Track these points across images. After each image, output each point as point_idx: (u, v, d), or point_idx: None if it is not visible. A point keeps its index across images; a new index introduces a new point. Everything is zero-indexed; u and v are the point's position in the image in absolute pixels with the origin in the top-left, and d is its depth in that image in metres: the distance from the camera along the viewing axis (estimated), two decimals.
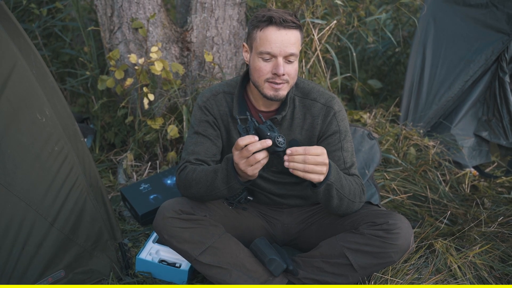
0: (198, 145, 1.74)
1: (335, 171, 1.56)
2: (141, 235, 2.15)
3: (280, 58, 1.59)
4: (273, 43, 1.58)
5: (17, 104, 1.48)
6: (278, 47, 1.58)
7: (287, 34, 1.58)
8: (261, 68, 1.62)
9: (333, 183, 1.54)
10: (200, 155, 1.73)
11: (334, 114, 1.73)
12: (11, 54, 1.47)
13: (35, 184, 1.53)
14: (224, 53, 2.64)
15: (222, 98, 1.79)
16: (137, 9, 2.50)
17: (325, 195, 1.57)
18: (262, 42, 1.59)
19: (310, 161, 1.42)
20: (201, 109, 1.79)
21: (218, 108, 1.78)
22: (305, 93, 1.76)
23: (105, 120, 2.83)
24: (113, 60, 2.46)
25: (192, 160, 1.72)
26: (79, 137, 1.69)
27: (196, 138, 1.76)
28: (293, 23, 1.58)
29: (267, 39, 1.58)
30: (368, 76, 3.72)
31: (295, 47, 1.60)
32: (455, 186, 2.60)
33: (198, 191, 1.63)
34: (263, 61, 1.61)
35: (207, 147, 1.75)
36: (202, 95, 1.82)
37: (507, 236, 2.03)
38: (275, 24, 1.57)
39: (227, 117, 1.78)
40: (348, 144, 1.74)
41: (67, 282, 1.67)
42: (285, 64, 1.61)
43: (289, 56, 1.60)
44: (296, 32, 1.61)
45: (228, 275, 1.66)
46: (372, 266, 1.63)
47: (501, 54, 2.71)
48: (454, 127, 2.86)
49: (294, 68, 1.63)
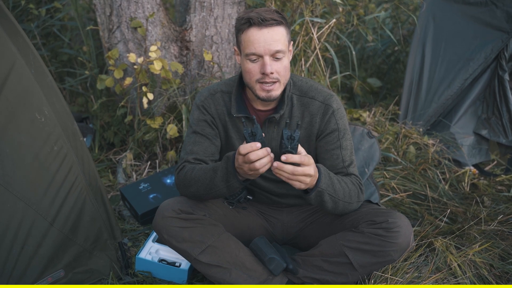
0: (197, 144, 1.74)
1: (326, 177, 1.55)
2: (140, 234, 2.15)
3: (266, 57, 1.59)
4: (256, 43, 1.58)
5: (16, 104, 1.47)
6: (262, 46, 1.57)
7: (269, 32, 1.57)
8: (250, 69, 1.62)
9: (324, 190, 1.54)
10: (199, 154, 1.73)
11: (333, 112, 1.73)
12: (10, 53, 1.47)
13: (34, 183, 1.53)
14: (223, 52, 2.63)
15: (219, 98, 1.78)
16: (136, 8, 2.49)
17: (317, 200, 1.57)
18: (246, 44, 1.60)
19: (298, 172, 1.42)
20: (199, 109, 1.78)
21: (216, 107, 1.78)
22: (303, 91, 1.75)
23: (104, 120, 2.82)
24: (112, 60, 2.46)
25: (190, 160, 1.72)
26: (78, 136, 1.69)
27: (195, 137, 1.76)
28: (274, 20, 1.57)
29: (250, 40, 1.58)
30: (368, 75, 3.71)
31: (280, 43, 1.59)
32: (454, 185, 2.60)
33: (197, 190, 1.63)
34: (251, 63, 1.62)
35: (205, 147, 1.75)
36: (200, 94, 1.81)
37: (507, 234, 2.03)
38: (255, 25, 1.57)
39: (224, 116, 1.78)
40: (347, 142, 1.74)
41: (66, 282, 1.66)
42: (272, 62, 1.60)
43: (276, 54, 1.59)
44: (279, 28, 1.59)
45: (227, 274, 1.66)
46: (372, 264, 1.63)
47: (500, 52, 2.71)
48: (453, 126, 2.86)
49: (283, 65, 1.62)
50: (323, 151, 1.74)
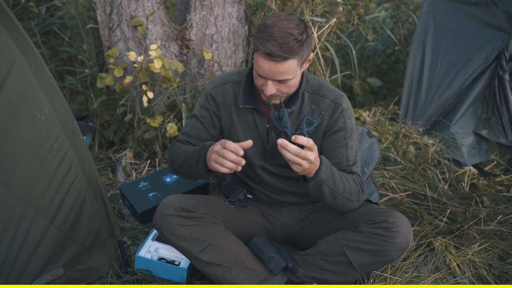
0: (193, 129, 1.84)
1: (327, 169, 1.58)
2: (140, 233, 2.15)
3: (269, 81, 1.58)
4: (261, 69, 1.56)
5: (15, 102, 1.47)
6: (267, 74, 1.56)
7: (276, 65, 1.52)
8: (256, 78, 1.64)
9: (323, 180, 1.56)
10: (192, 138, 1.84)
11: (342, 111, 1.74)
12: (9, 51, 1.47)
13: (34, 181, 1.53)
14: (224, 51, 2.63)
15: (230, 87, 1.81)
16: (136, 7, 2.49)
17: (316, 191, 1.60)
18: (255, 61, 1.58)
19: (301, 155, 1.46)
20: (206, 96, 1.84)
21: (224, 97, 1.81)
22: (315, 89, 1.77)
23: (104, 118, 2.82)
24: (112, 58, 2.46)
25: (182, 141, 1.84)
26: (78, 135, 1.69)
27: (194, 122, 1.85)
28: (281, 58, 1.49)
29: (258, 63, 1.57)
30: (368, 74, 3.71)
31: (286, 74, 1.55)
32: (454, 185, 2.60)
33: (179, 167, 1.76)
34: (257, 75, 1.61)
35: (200, 133, 1.84)
36: (212, 81, 1.86)
37: (506, 234, 2.03)
38: (262, 55, 1.52)
39: (231, 106, 1.80)
40: (353, 143, 1.76)
41: (66, 280, 1.66)
42: (277, 83, 1.59)
43: (282, 80, 1.58)
44: (288, 63, 1.52)
45: (227, 273, 1.66)
46: (371, 264, 1.63)
47: (500, 52, 2.71)
48: (453, 126, 2.86)
49: (287, 86, 1.61)
50: (328, 148, 1.75)
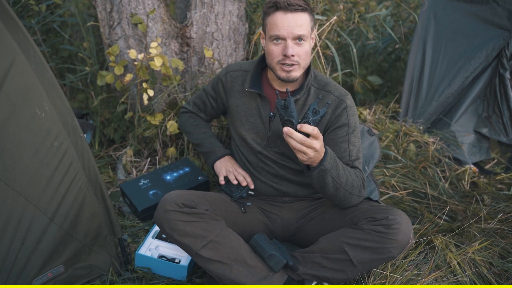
0: (202, 103, 2.12)
1: (332, 159, 1.60)
2: (140, 230, 2.15)
3: (289, 40, 1.67)
4: (280, 26, 1.66)
5: (16, 99, 1.47)
6: (286, 30, 1.66)
7: (294, 17, 1.65)
8: (273, 51, 1.71)
9: (327, 169, 1.58)
10: (199, 108, 2.15)
11: (345, 107, 1.78)
12: (10, 49, 1.46)
13: (34, 179, 1.53)
14: (224, 49, 2.63)
15: (239, 75, 1.93)
16: (137, 5, 2.49)
17: (319, 180, 1.61)
18: (271, 27, 1.70)
19: (306, 143, 1.50)
20: (218, 79, 2.00)
21: (232, 84, 1.94)
22: (322, 85, 1.83)
23: (105, 116, 2.82)
24: (113, 56, 2.46)
25: (191, 109, 2.17)
26: (79, 132, 1.69)
27: (205, 96, 2.09)
28: (299, 6, 1.65)
29: (275, 24, 1.68)
30: (368, 73, 3.71)
31: (303, 29, 1.67)
32: (454, 183, 2.60)
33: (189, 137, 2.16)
34: (274, 45, 1.71)
35: (205, 105, 2.12)
36: (226, 68, 2.00)
37: (506, 232, 2.03)
38: (281, 9, 1.66)
39: (237, 93, 1.93)
40: (355, 139, 1.78)
41: (66, 278, 1.67)
42: (294, 45, 1.68)
43: (298, 38, 1.67)
44: (303, 15, 1.67)
45: (228, 270, 1.67)
46: (372, 261, 1.63)
47: (501, 50, 2.70)
48: (454, 124, 2.85)
49: (304, 50, 1.70)
50: (331, 143, 1.76)
